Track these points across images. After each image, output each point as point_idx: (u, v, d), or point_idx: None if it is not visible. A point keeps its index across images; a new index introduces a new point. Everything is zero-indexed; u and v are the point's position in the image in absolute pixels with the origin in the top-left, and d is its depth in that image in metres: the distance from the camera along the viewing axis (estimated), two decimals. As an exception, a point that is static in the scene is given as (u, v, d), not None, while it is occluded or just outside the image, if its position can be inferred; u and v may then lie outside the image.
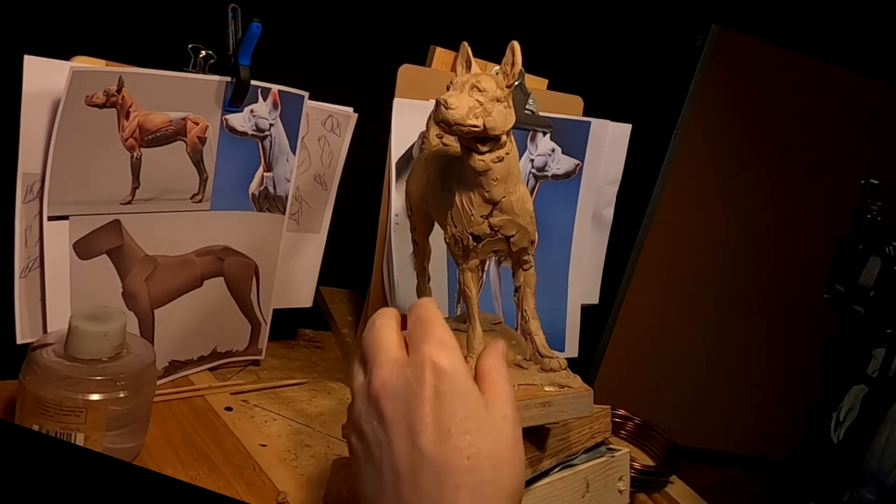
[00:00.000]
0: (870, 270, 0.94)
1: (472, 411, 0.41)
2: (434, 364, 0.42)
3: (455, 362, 0.42)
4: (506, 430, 0.42)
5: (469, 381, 0.42)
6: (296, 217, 0.85)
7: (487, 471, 0.40)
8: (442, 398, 0.41)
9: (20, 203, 0.64)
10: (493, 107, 0.51)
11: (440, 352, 0.42)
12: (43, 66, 0.62)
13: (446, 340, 0.43)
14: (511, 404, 0.44)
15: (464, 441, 0.40)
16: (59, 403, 0.59)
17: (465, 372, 0.43)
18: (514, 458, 0.42)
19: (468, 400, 0.42)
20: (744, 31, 1.13)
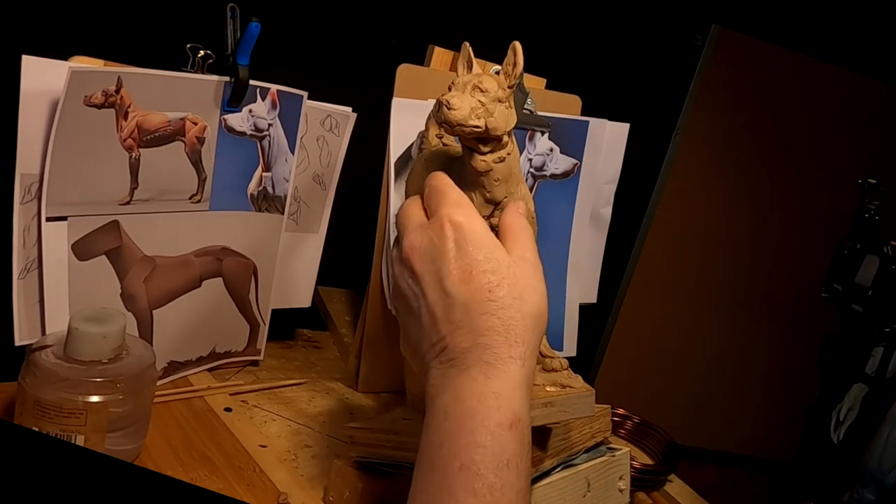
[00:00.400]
0: (868, 269, 0.94)
1: (490, 254, 0.47)
2: (451, 221, 0.48)
3: (470, 216, 0.48)
4: (524, 267, 0.48)
5: (484, 230, 0.48)
6: (294, 217, 0.85)
7: (508, 299, 0.46)
8: (461, 247, 0.47)
9: (18, 204, 0.63)
10: (494, 107, 0.51)
11: (456, 210, 0.48)
12: (41, 66, 0.62)
13: (461, 201, 0.50)
14: (530, 248, 0.49)
15: (484, 278, 0.46)
16: (58, 405, 0.59)
17: (480, 223, 0.48)
18: (533, 288, 0.47)
19: (485, 246, 0.47)
20: (744, 31, 1.13)
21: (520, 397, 0.45)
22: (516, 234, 0.50)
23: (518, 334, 0.46)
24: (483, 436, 0.43)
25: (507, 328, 0.46)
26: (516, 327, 0.46)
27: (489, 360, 0.45)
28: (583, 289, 0.97)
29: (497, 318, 0.46)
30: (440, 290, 0.47)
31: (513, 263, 0.48)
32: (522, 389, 0.45)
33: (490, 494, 0.42)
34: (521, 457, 0.44)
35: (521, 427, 0.44)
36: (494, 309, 0.46)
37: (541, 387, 0.57)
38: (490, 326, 0.46)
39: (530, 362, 0.46)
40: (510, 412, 0.44)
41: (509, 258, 0.48)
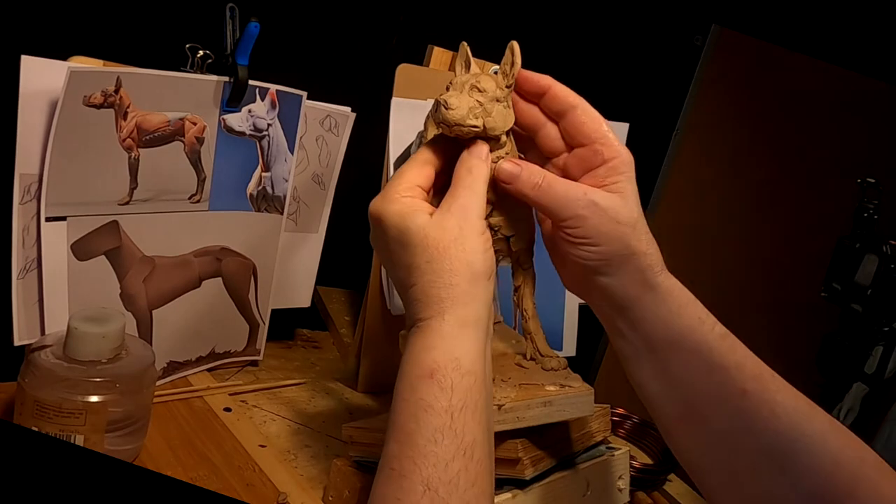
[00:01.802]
0: (867, 269, 0.94)
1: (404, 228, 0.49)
2: (371, 216, 0.51)
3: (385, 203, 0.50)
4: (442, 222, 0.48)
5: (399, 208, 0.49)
6: (294, 217, 0.85)
7: (423, 265, 0.48)
8: (387, 235, 0.50)
9: (17, 204, 0.63)
10: (492, 107, 0.51)
11: (374, 203, 0.51)
12: (40, 67, 0.62)
13: (386, 188, 0.51)
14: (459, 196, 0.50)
15: (403, 256, 0.49)
16: (58, 405, 0.59)
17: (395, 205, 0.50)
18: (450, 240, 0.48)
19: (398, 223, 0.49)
20: (744, 31, 1.13)
21: (441, 346, 0.47)
22: (454, 182, 0.51)
23: (434, 294, 0.47)
24: (406, 391, 0.46)
25: (423, 293, 0.48)
26: (432, 289, 0.48)
27: (415, 326, 0.48)
28: (582, 288, 0.97)
29: (416, 288, 0.48)
30: (392, 276, 0.51)
31: (426, 225, 0.48)
32: (444, 339, 0.47)
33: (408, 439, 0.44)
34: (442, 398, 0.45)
35: (440, 373, 0.46)
36: (414, 281, 0.48)
37: (540, 386, 0.57)
38: (413, 298, 0.48)
39: (456, 311, 0.47)
40: (429, 362, 0.46)
41: (423, 221, 0.49)
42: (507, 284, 0.86)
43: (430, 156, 0.53)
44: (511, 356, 0.61)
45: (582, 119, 0.52)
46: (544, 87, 0.53)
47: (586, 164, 0.52)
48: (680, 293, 0.52)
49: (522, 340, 0.61)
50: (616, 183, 0.51)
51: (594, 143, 0.52)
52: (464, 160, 0.51)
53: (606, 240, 0.50)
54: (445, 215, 0.49)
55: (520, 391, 0.56)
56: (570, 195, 0.50)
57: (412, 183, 0.51)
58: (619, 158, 0.52)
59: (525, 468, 0.57)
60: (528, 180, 0.52)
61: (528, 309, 0.59)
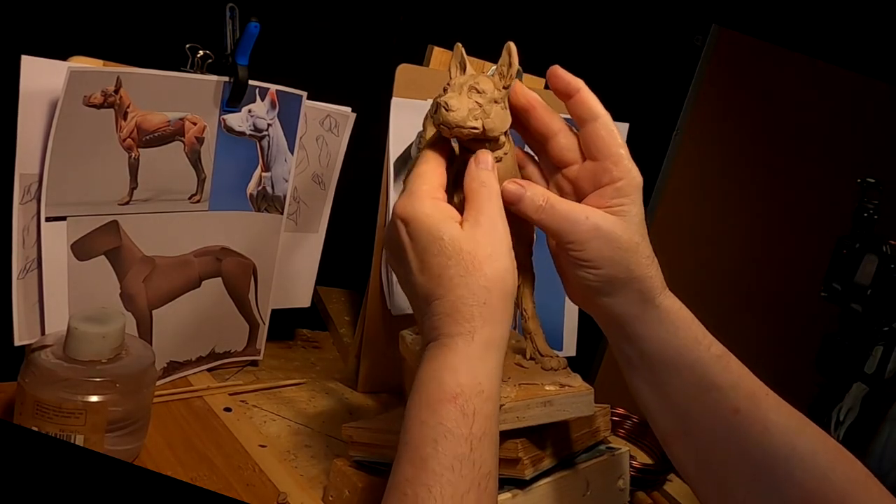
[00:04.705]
0: (866, 268, 0.94)
1: (436, 237, 0.48)
2: (400, 216, 0.49)
3: (415, 205, 0.49)
4: (475, 236, 0.48)
5: (430, 212, 0.49)
6: (294, 217, 0.85)
7: (455, 279, 0.47)
8: (414, 238, 0.49)
9: (17, 204, 0.63)
10: (491, 108, 0.51)
11: (403, 204, 0.50)
12: (40, 67, 0.62)
13: (412, 185, 0.50)
14: (484, 210, 0.49)
15: (434, 264, 0.48)
16: (58, 405, 0.59)
17: (427, 207, 0.49)
18: (485, 256, 0.48)
19: (431, 230, 0.48)
20: (744, 31, 1.13)
21: (466, 369, 0.46)
22: (472, 196, 0.50)
23: (465, 311, 0.47)
24: (425, 413, 0.45)
25: (454, 308, 0.47)
26: (464, 305, 0.47)
27: (439, 341, 0.47)
28: (582, 288, 0.97)
29: (445, 300, 0.47)
30: (410, 282, 0.50)
31: (460, 237, 0.48)
32: (471, 361, 0.46)
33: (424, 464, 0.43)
34: (463, 425, 0.44)
35: (463, 398, 0.45)
36: (443, 292, 0.47)
37: (540, 386, 0.57)
38: (440, 311, 0.47)
39: (485, 331, 0.47)
40: (453, 385, 0.45)
41: (457, 232, 0.48)
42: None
43: (439, 157, 0.53)
44: (511, 356, 0.61)
45: (601, 132, 0.52)
46: (573, 89, 0.53)
47: (596, 179, 0.53)
48: (678, 313, 0.53)
49: (522, 340, 0.61)
50: (621, 206, 0.51)
51: (606, 159, 0.52)
52: (474, 174, 0.51)
53: (607, 263, 0.51)
54: (477, 229, 0.48)
55: (520, 391, 0.56)
56: (573, 218, 0.51)
57: (437, 184, 0.51)
58: (626, 180, 0.52)
59: (525, 468, 0.57)
60: (532, 202, 0.52)
61: (528, 309, 0.59)
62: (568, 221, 0.51)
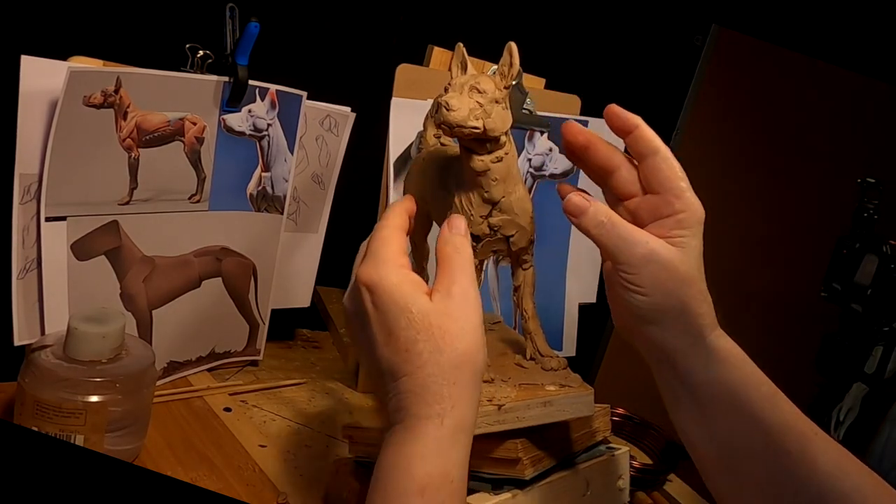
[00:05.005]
0: (867, 269, 0.94)
1: (404, 308, 0.45)
2: (364, 283, 0.47)
3: (381, 271, 0.47)
4: (447, 308, 0.46)
5: (398, 281, 0.46)
6: (294, 217, 0.85)
7: (425, 355, 0.44)
8: (379, 307, 0.46)
9: (17, 204, 0.63)
10: (492, 108, 0.51)
11: (368, 269, 0.47)
12: (40, 67, 0.62)
13: (377, 251, 0.48)
14: (456, 279, 0.47)
15: (402, 337, 0.45)
16: (58, 405, 0.59)
17: (392, 276, 0.46)
18: (456, 331, 0.45)
19: (399, 300, 0.46)
20: (744, 31, 1.13)
21: (436, 457, 0.43)
22: (444, 262, 0.48)
23: (436, 391, 0.44)
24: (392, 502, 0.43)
25: (423, 387, 0.44)
26: (434, 384, 0.44)
27: (406, 423, 0.44)
28: (582, 288, 0.97)
29: (413, 378, 0.44)
30: (372, 355, 0.47)
31: (431, 310, 0.45)
32: (441, 445, 0.44)
33: None
34: None
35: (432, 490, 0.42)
36: (411, 369, 0.45)
37: (540, 386, 0.57)
38: (407, 389, 0.45)
39: (455, 413, 0.44)
40: (422, 475, 0.43)
41: (427, 305, 0.46)
42: (507, 284, 0.86)
43: (401, 220, 0.51)
44: (511, 356, 0.61)
45: (660, 166, 0.52)
46: (632, 125, 0.53)
47: (656, 211, 0.52)
48: (730, 352, 0.51)
49: (522, 340, 0.61)
50: (681, 237, 0.50)
51: (668, 192, 0.51)
52: (447, 239, 0.49)
53: (660, 292, 0.50)
54: (449, 301, 0.46)
55: (520, 391, 0.56)
56: (631, 240, 0.50)
57: (401, 249, 0.49)
58: (688, 213, 0.51)
59: (525, 468, 0.57)
60: (594, 218, 0.51)
61: (528, 309, 0.59)
62: (626, 242, 0.50)
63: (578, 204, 0.51)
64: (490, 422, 0.54)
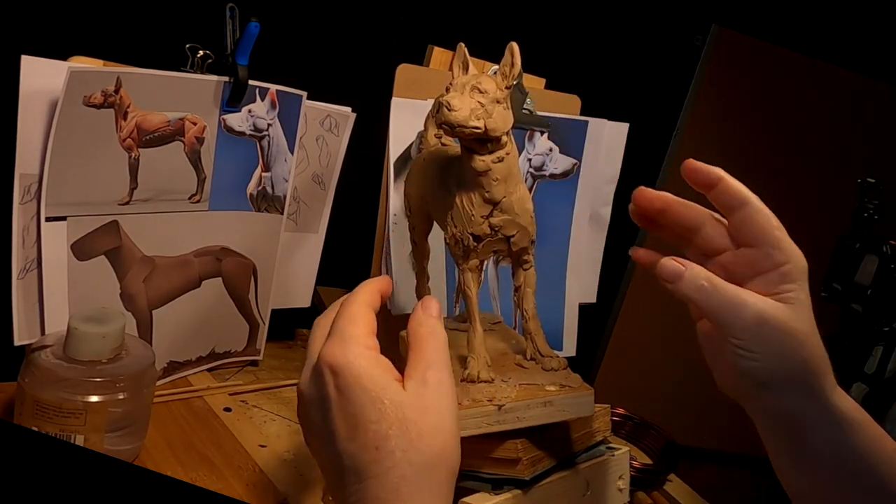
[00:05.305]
0: (867, 269, 0.94)
1: (376, 397, 0.41)
2: (329, 364, 0.42)
3: (348, 353, 0.42)
4: (422, 398, 0.42)
5: (368, 367, 0.42)
6: (294, 217, 0.85)
7: (397, 453, 0.40)
8: (344, 393, 0.41)
9: (17, 204, 0.63)
10: (493, 108, 0.51)
11: (334, 349, 0.42)
12: (40, 67, 0.62)
13: (343, 330, 0.43)
14: (432, 367, 0.43)
15: (370, 431, 0.40)
16: (58, 405, 0.59)
17: (364, 360, 0.42)
18: (432, 427, 0.41)
19: (369, 388, 0.41)
20: (744, 31, 1.13)
21: None
22: (419, 345, 0.44)
23: (409, 493, 0.40)
24: None
25: (395, 490, 0.39)
26: (406, 489, 0.40)
27: None
28: (582, 288, 0.97)
29: (383, 481, 0.40)
30: (332, 449, 0.42)
31: (405, 402, 0.41)
32: None
33: None
34: None
35: None
36: (381, 470, 0.40)
37: (540, 386, 0.57)
38: (375, 495, 0.40)
39: None
40: None
41: (401, 395, 0.41)
42: (507, 284, 0.86)
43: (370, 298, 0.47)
44: (511, 356, 0.61)
45: (753, 217, 0.48)
46: (715, 178, 0.49)
47: (754, 266, 0.48)
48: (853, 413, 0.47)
49: (522, 340, 0.61)
50: (789, 292, 0.46)
51: (764, 245, 0.47)
52: (421, 320, 0.46)
53: (775, 356, 0.46)
54: (424, 390, 0.42)
55: (520, 391, 0.56)
56: (737, 303, 0.46)
57: (370, 329, 0.44)
58: (791, 264, 0.47)
59: (525, 468, 0.57)
60: (693, 282, 0.47)
61: (528, 309, 0.59)
62: (731, 305, 0.46)
63: (673, 269, 0.47)
64: (490, 422, 0.54)
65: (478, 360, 0.56)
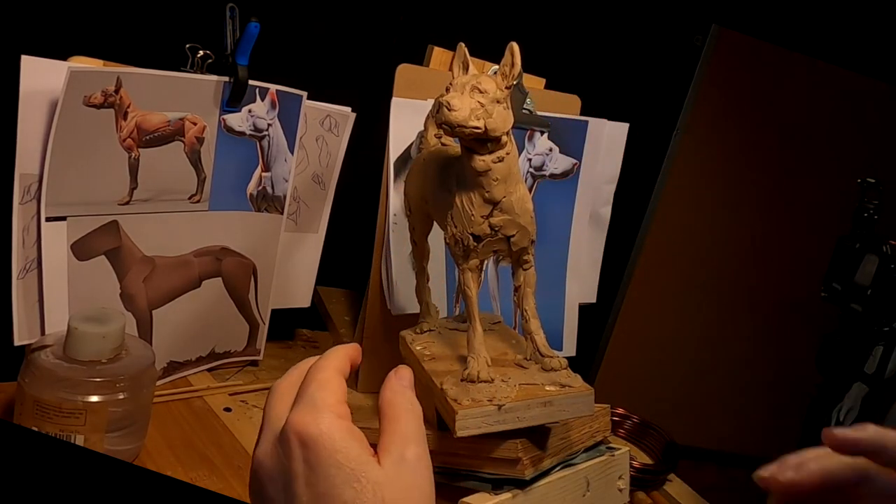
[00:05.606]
0: (866, 269, 0.94)
1: (351, 473, 0.37)
2: (299, 434, 0.37)
3: (321, 423, 0.38)
4: (401, 477, 0.38)
5: (343, 438, 0.38)
6: (294, 217, 0.85)
7: None
8: (314, 469, 0.37)
9: (17, 204, 0.63)
10: (493, 108, 0.51)
11: (304, 418, 0.38)
12: (40, 67, 0.62)
13: (317, 398, 0.39)
14: (410, 442, 0.39)
15: None
16: (58, 405, 0.59)
17: (337, 431, 0.38)
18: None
19: (344, 463, 0.37)
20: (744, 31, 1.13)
21: None
22: (396, 419, 0.40)
23: None
24: None
25: None
26: None
27: None
28: (582, 288, 0.97)
29: None
30: None
31: (383, 480, 0.37)
32: None
33: None
34: None
35: None
36: None
37: (540, 386, 0.57)
38: None
39: None
40: None
41: (379, 473, 0.37)
42: (507, 284, 0.86)
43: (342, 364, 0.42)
44: (511, 356, 0.61)
45: None
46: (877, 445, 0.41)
47: None
48: None
49: (522, 340, 0.61)
50: None
51: None
52: (396, 390, 0.42)
53: None
54: (402, 468, 0.38)
55: (520, 391, 0.56)
56: None
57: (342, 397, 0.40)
58: None
59: (525, 468, 0.57)
60: None
61: (528, 309, 0.59)
62: None
63: None
64: (490, 422, 0.54)
65: (478, 360, 0.56)
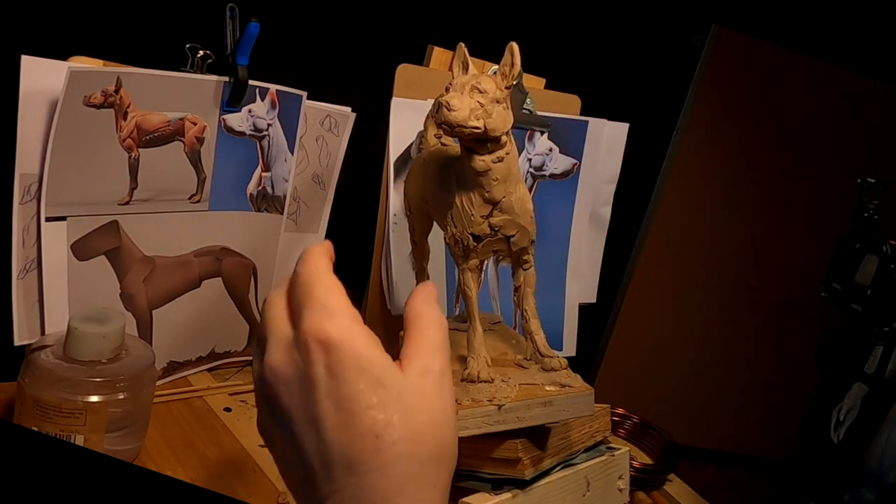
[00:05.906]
0: (867, 269, 0.94)
1: (375, 379, 0.35)
2: (319, 339, 0.35)
3: (343, 328, 0.36)
4: (425, 387, 0.36)
5: (366, 344, 0.36)
6: (294, 217, 0.85)
7: (401, 444, 0.35)
8: (336, 375, 0.35)
9: (17, 204, 0.63)
10: (493, 108, 0.51)
11: (323, 323, 0.36)
12: (40, 67, 0.62)
13: (329, 303, 0.37)
14: (436, 353, 0.38)
15: (369, 418, 0.34)
16: (58, 405, 0.59)
17: (359, 335, 0.36)
18: (434, 418, 0.36)
19: (368, 368, 0.35)
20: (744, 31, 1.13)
21: None
22: (422, 329, 0.38)
23: (414, 492, 0.35)
24: None
25: (400, 487, 0.34)
26: (412, 483, 0.35)
27: None
28: (582, 288, 0.97)
29: (385, 475, 0.34)
30: (315, 437, 0.35)
31: (407, 387, 0.36)
32: None
33: None
34: None
35: None
36: (383, 463, 0.34)
37: (540, 386, 0.57)
38: (379, 487, 0.34)
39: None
40: None
41: (403, 380, 0.36)
42: (507, 284, 0.86)
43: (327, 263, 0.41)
44: (511, 356, 0.61)
45: None
46: None
47: None
48: None
49: (522, 340, 0.61)
50: None
51: None
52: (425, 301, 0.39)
53: None
54: (426, 378, 0.37)
55: (520, 391, 0.56)
56: None
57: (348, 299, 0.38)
58: None
59: (525, 468, 0.57)
60: None
61: (528, 309, 0.59)
62: None
63: None
64: (490, 422, 0.54)
65: (478, 360, 0.56)
